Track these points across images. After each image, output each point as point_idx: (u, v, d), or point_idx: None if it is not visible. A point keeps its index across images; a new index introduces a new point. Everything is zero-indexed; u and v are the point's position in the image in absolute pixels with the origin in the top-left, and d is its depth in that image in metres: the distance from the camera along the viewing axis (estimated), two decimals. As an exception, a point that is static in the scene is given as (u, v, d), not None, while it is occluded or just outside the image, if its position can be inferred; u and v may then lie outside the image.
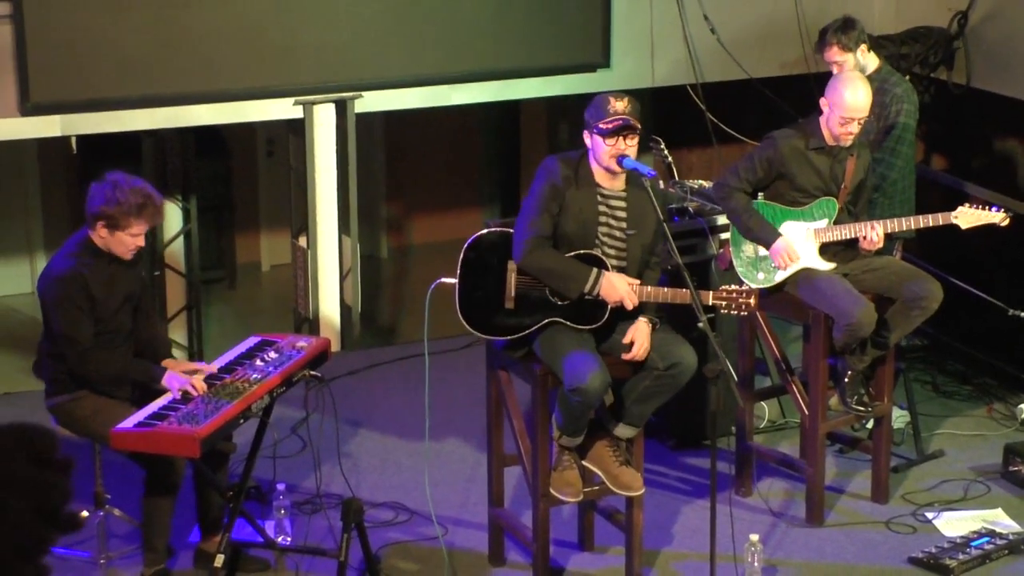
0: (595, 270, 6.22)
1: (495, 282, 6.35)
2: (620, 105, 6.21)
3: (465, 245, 6.38)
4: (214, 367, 6.53)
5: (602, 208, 6.29)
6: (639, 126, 6.19)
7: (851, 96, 6.91)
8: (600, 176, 6.29)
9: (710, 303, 6.26)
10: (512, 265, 6.32)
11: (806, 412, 7.24)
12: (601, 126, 6.18)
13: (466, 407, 8.28)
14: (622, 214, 6.31)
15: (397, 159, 12.26)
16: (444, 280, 6.46)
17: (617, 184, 6.30)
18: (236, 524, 6.48)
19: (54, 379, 6.51)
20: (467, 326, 6.35)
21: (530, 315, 6.32)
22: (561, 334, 6.26)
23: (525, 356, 6.40)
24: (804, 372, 7.41)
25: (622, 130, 6.15)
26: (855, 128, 6.95)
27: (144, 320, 6.77)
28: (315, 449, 6.85)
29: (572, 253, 6.25)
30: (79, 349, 6.33)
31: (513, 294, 6.33)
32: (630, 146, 6.19)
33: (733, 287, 6.36)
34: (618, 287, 6.20)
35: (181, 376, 6.35)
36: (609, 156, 6.19)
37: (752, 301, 6.29)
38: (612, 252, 6.30)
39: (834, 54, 7.72)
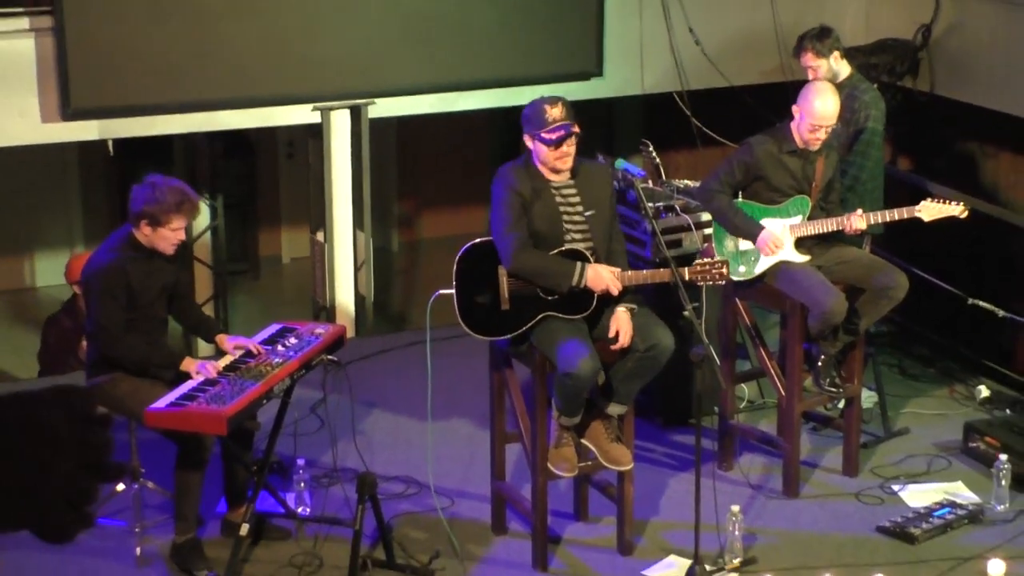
0: (579, 264, 6.23)
1: (489, 287, 6.35)
2: (556, 112, 6.20)
3: (457, 257, 6.38)
4: (257, 343, 6.55)
5: (559, 200, 6.30)
6: (578, 129, 6.19)
7: (820, 105, 6.91)
8: (547, 174, 6.30)
9: (687, 278, 6.25)
10: (503, 270, 6.32)
11: (783, 393, 7.24)
12: (545, 136, 6.18)
13: (470, 389, 8.27)
14: (576, 199, 6.32)
15: (408, 160, 12.27)
16: (443, 292, 6.46)
17: (564, 176, 6.32)
18: (260, 496, 6.50)
19: (94, 362, 6.53)
20: (469, 331, 6.36)
21: (525, 313, 6.32)
22: (554, 325, 6.27)
23: (526, 349, 6.40)
24: (781, 356, 7.41)
25: (566, 138, 6.16)
26: (823, 135, 6.96)
27: (188, 307, 6.82)
28: (332, 427, 6.86)
29: (554, 252, 6.26)
30: (109, 336, 6.36)
31: (507, 296, 6.33)
32: (571, 146, 6.20)
33: (706, 260, 6.37)
34: (603, 276, 6.21)
35: (200, 362, 6.40)
36: (554, 160, 6.21)
37: (724, 271, 6.33)
38: (579, 236, 6.30)
39: (809, 59, 7.72)
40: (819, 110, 6.90)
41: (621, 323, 6.22)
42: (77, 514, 1.37)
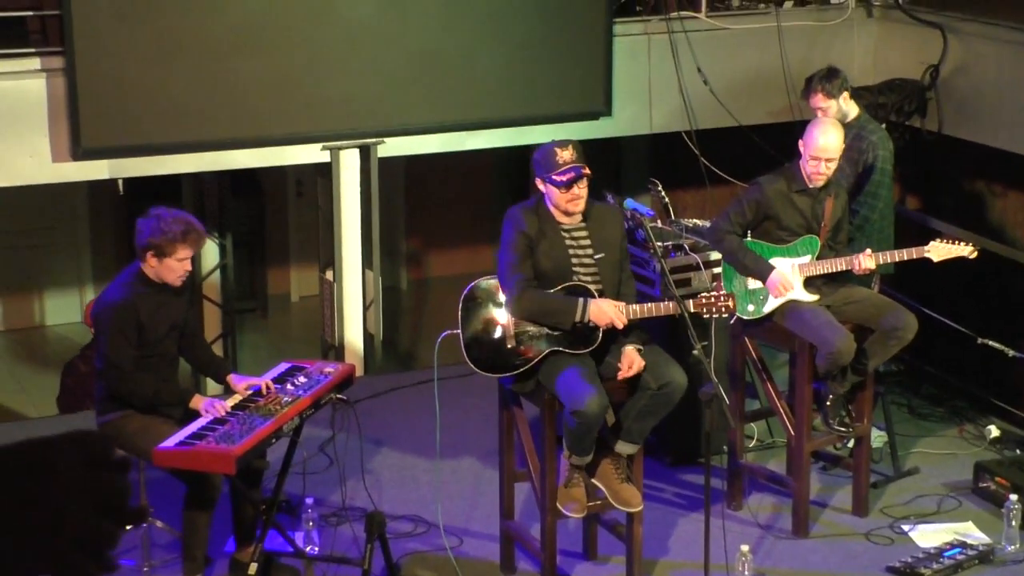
0: (581, 300, 6.24)
1: (494, 326, 6.35)
2: (566, 155, 6.22)
3: (462, 297, 6.39)
4: (269, 381, 6.56)
5: (568, 243, 6.32)
6: (589, 171, 6.22)
7: (821, 138, 6.94)
8: (559, 216, 6.32)
9: (692, 310, 6.25)
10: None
11: (792, 432, 7.23)
12: (555, 178, 6.20)
13: (478, 428, 8.26)
14: (587, 243, 6.34)
15: (416, 199, 12.29)
16: (450, 332, 6.47)
17: (575, 219, 6.34)
18: (268, 535, 6.48)
19: (103, 399, 6.53)
20: (476, 370, 6.36)
21: (531, 350, 6.33)
22: (561, 361, 6.27)
23: (532, 386, 6.40)
24: (790, 395, 7.40)
25: (576, 180, 6.18)
26: (823, 169, 6.95)
27: (198, 345, 6.82)
28: (341, 466, 6.85)
29: (558, 288, 6.27)
30: (118, 372, 6.36)
31: (512, 333, 6.34)
32: (582, 188, 6.22)
33: (712, 293, 6.38)
34: (606, 310, 6.22)
35: (208, 399, 6.40)
36: (566, 202, 6.22)
37: (731, 303, 6.33)
38: (588, 280, 6.32)
39: (819, 100, 7.72)
40: (820, 142, 6.92)
41: (632, 359, 6.23)
42: (98, 561, 1.37)
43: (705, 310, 6.33)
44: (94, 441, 1.39)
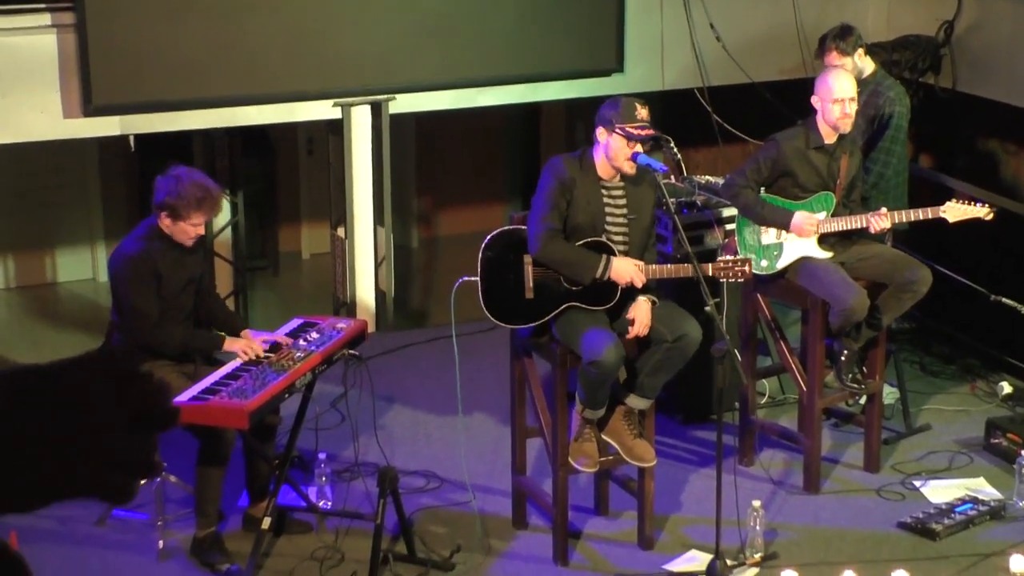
0: (604, 256, 6.24)
1: (514, 276, 6.36)
2: (644, 112, 6.24)
3: (483, 245, 6.39)
4: (285, 336, 6.57)
5: (606, 199, 6.32)
6: (665, 139, 6.28)
7: (835, 82, 6.96)
8: (602, 170, 6.32)
9: (710, 274, 6.27)
10: (528, 258, 6.33)
11: (804, 389, 7.24)
12: (630, 129, 6.18)
13: (490, 384, 8.29)
14: (622, 202, 6.34)
15: (427, 157, 12.27)
16: (467, 279, 6.48)
17: (616, 177, 6.34)
18: (281, 490, 6.52)
19: (120, 351, 6.54)
20: (492, 319, 6.37)
21: (549, 302, 6.34)
22: (578, 315, 6.28)
23: (547, 340, 6.42)
24: (802, 352, 7.40)
25: (650, 140, 6.21)
26: (848, 109, 6.94)
27: (212, 300, 6.83)
28: (353, 422, 6.87)
29: (581, 241, 6.27)
30: (148, 323, 6.37)
31: (531, 284, 6.34)
32: (641, 147, 6.25)
33: (729, 257, 6.40)
34: (626, 268, 6.23)
35: (242, 340, 6.42)
36: (625, 158, 6.22)
37: (747, 268, 6.37)
38: (617, 238, 6.32)
39: (834, 58, 7.69)
40: (835, 84, 6.94)
41: (640, 311, 6.23)
42: (137, 472, 1.37)
43: (722, 275, 6.36)
44: (119, 357, 1.38)
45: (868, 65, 7.76)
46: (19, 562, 1.43)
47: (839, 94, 6.93)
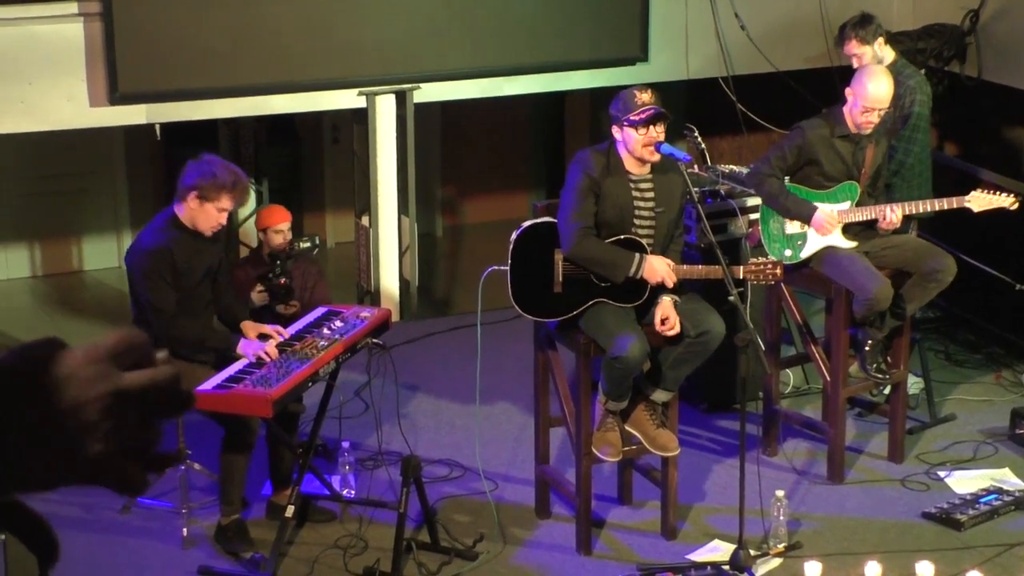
0: (637, 255, 6.20)
1: (543, 269, 6.33)
2: (645, 96, 6.19)
3: (513, 236, 6.37)
4: (286, 331, 6.55)
5: (634, 193, 6.29)
6: (669, 114, 6.19)
7: (874, 88, 6.86)
8: (629, 164, 6.28)
9: (740, 276, 6.24)
10: (559, 253, 6.31)
11: (828, 378, 7.20)
12: (633, 118, 6.14)
13: (514, 373, 8.27)
14: (651, 195, 6.31)
15: (452, 146, 12.25)
16: (496, 268, 6.46)
17: (644, 169, 6.30)
18: (305, 478, 6.51)
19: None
20: (520, 310, 6.35)
21: (577, 297, 6.31)
22: (605, 311, 6.26)
23: (573, 334, 6.39)
24: (826, 341, 7.36)
25: (654, 119, 6.13)
26: (875, 118, 6.90)
27: (228, 296, 6.80)
28: (377, 410, 6.86)
29: (612, 239, 6.24)
30: (164, 317, 6.35)
31: (561, 279, 6.32)
32: (660, 132, 6.18)
33: (761, 260, 6.36)
34: (659, 268, 6.19)
35: (256, 343, 6.37)
36: (642, 145, 6.17)
37: (778, 271, 6.29)
38: (643, 231, 6.29)
39: (853, 47, 7.65)
40: (872, 93, 6.85)
41: (667, 310, 6.21)
42: (147, 463, 1.35)
43: (753, 276, 6.31)
44: (132, 341, 1.35)
45: (888, 54, 7.71)
46: (43, 523, 1.41)
47: (873, 103, 6.85)
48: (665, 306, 6.22)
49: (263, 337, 6.44)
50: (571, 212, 6.23)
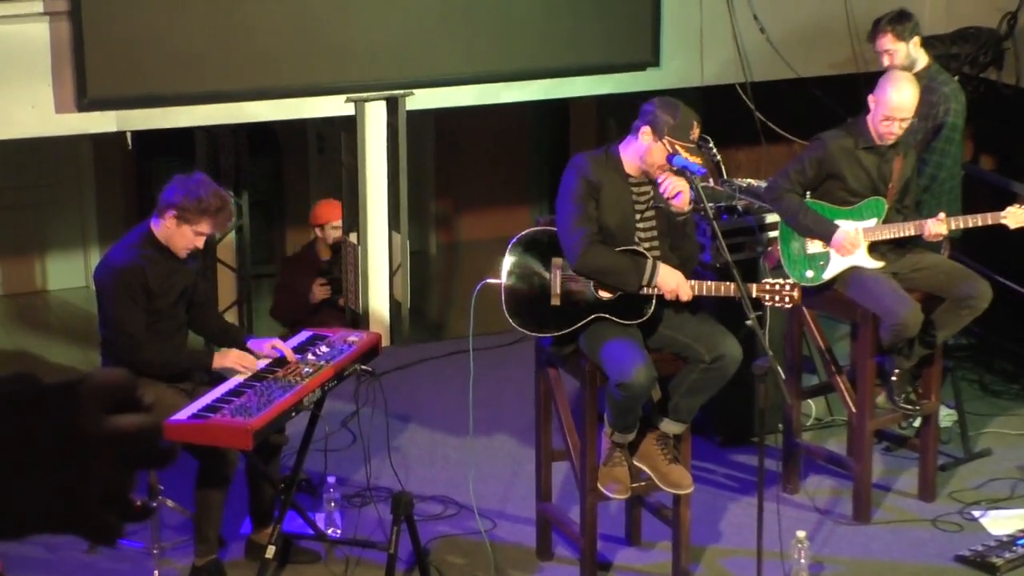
0: (650, 260, 6.20)
1: (540, 280, 6.35)
2: (697, 133, 6.21)
3: (509, 245, 6.39)
4: (289, 349, 6.58)
5: (634, 195, 6.31)
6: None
7: (896, 96, 6.88)
8: (629, 167, 6.31)
9: (754, 295, 6.23)
10: (558, 262, 6.32)
11: (853, 410, 7.21)
12: (678, 148, 6.12)
13: (513, 403, 8.28)
14: (649, 192, 6.32)
15: (447, 157, 12.29)
16: (490, 280, 6.47)
17: (644, 173, 6.34)
18: (287, 516, 6.51)
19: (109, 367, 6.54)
20: (513, 324, 6.36)
21: (576, 312, 6.32)
22: (607, 329, 6.26)
23: (572, 353, 6.40)
24: (851, 370, 7.38)
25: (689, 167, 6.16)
26: (896, 128, 6.91)
27: (208, 314, 6.82)
28: (365, 442, 6.87)
29: (617, 249, 6.25)
30: (132, 340, 6.37)
31: (559, 291, 6.33)
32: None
33: (777, 280, 6.34)
34: (674, 278, 6.19)
35: (232, 354, 6.45)
36: (659, 164, 6.19)
37: (795, 294, 6.26)
38: (645, 237, 6.31)
39: (887, 42, 7.64)
40: (894, 100, 6.87)
41: (679, 184, 6.14)
42: (121, 513, 1.36)
43: (768, 297, 6.26)
44: (117, 382, 1.37)
45: (922, 57, 7.73)
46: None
47: (894, 112, 6.88)
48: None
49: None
50: (573, 220, 6.24)
